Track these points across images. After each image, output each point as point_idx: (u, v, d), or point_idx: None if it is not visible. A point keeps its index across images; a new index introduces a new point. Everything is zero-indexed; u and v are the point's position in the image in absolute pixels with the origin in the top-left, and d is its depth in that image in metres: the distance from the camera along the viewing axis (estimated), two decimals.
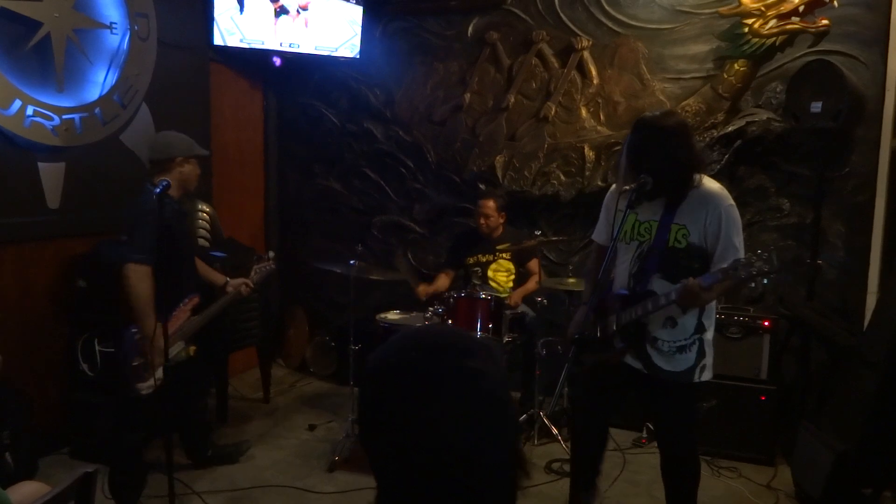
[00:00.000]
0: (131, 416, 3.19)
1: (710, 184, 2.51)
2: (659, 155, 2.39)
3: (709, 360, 2.56)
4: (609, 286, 2.66)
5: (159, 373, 3.00)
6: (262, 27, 4.69)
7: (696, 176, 2.47)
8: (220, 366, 4.18)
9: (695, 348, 2.53)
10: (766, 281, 2.24)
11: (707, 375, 2.56)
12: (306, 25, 4.78)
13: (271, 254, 3.67)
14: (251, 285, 3.50)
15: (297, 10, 4.74)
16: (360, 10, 4.86)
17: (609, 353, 2.60)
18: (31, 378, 3.60)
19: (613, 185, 2.72)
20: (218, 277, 3.54)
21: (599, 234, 2.81)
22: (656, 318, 2.51)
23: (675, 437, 2.63)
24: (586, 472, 2.83)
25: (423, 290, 4.36)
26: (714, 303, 2.56)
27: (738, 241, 2.43)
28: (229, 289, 3.45)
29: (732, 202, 2.47)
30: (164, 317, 2.85)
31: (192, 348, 3.27)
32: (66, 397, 3.76)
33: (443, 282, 4.41)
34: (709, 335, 2.56)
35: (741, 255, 2.39)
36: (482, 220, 4.25)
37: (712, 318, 2.59)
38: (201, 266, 3.52)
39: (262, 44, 4.72)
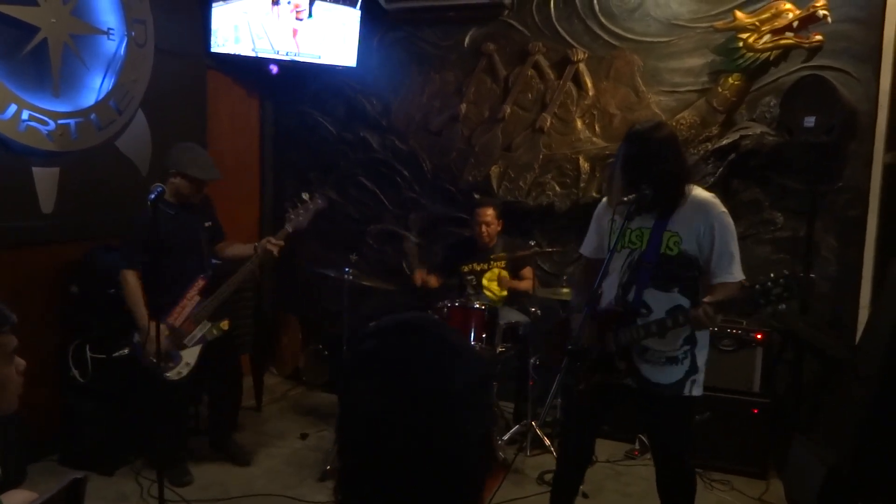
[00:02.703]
0: (165, 402, 3.46)
1: (702, 192, 2.52)
2: (654, 167, 2.40)
3: (701, 376, 2.53)
4: (599, 297, 2.63)
5: (190, 357, 3.39)
6: (261, 34, 4.71)
7: (688, 186, 2.48)
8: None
9: (686, 361, 2.50)
10: (783, 307, 2.23)
11: (697, 391, 2.53)
12: (304, 34, 4.80)
13: (305, 195, 3.62)
14: (278, 242, 3.54)
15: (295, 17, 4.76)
16: (357, 19, 4.88)
17: (613, 374, 2.54)
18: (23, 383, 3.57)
19: (605, 199, 2.70)
20: (245, 250, 3.66)
21: (588, 247, 2.76)
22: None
23: (667, 452, 2.60)
24: (566, 492, 2.81)
25: (419, 275, 4.39)
26: None
27: (734, 247, 2.43)
28: (259, 251, 3.55)
29: (725, 210, 2.47)
30: (155, 314, 3.15)
31: (225, 322, 3.53)
32: (56, 403, 3.74)
33: (434, 281, 4.42)
34: (702, 349, 2.53)
35: (737, 262, 2.41)
36: (483, 229, 4.24)
37: (706, 333, 2.55)
38: (227, 246, 3.76)
39: (260, 51, 4.74)
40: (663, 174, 2.39)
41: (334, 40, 4.87)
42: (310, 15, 4.77)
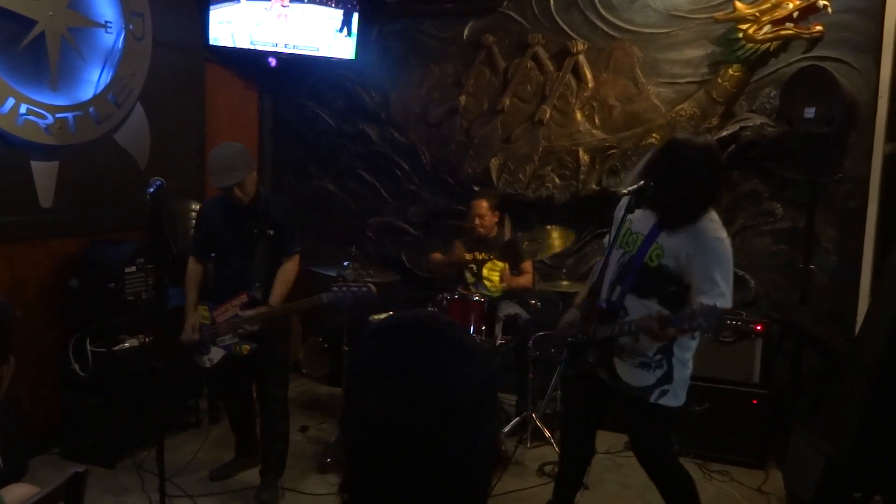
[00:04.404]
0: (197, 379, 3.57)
1: (710, 216, 2.44)
2: (675, 181, 2.37)
3: (676, 387, 2.50)
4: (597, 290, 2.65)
5: (216, 356, 3.34)
6: (257, 27, 4.69)
7: (707, 209, 2.43)
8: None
9: (659, 371, 2.49)
10: (704, 336, 2.33)
11: (668, 401, 2.50)
12: (302, 26, 4.78)
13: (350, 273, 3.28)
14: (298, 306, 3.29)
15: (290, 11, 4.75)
16: (356, 11, 4.86)
17: (582, 363, 2.60)
18: (22, 378, 3.58)
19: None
20: (276, 293, 3.31)
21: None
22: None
23: (638, 451, 2.67)
24: (568, 485, 2.83)
25: (437, 256, 4.43)
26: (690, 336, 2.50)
27: (720, 276, 2.35)
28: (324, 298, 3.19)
29: (723, 236, 2.41)
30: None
31: (246, 347, 3.27)
32: (57, 397, 3.75)
33: (459, 250, 4.39)
34: (680, 365, 2.51)
35: (720, 289, 2.34)
36: (477, 221, 4.25)
37: (688, 349, 2.53)
38: (287, 270, 3.35)
39: (258, 44, 4.73)
40: (676, 189, 2.38)
41: (333, 33, 4.85)
42: (349, 33, 4.81)
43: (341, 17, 4.82)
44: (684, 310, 2.28)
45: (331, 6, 4.78)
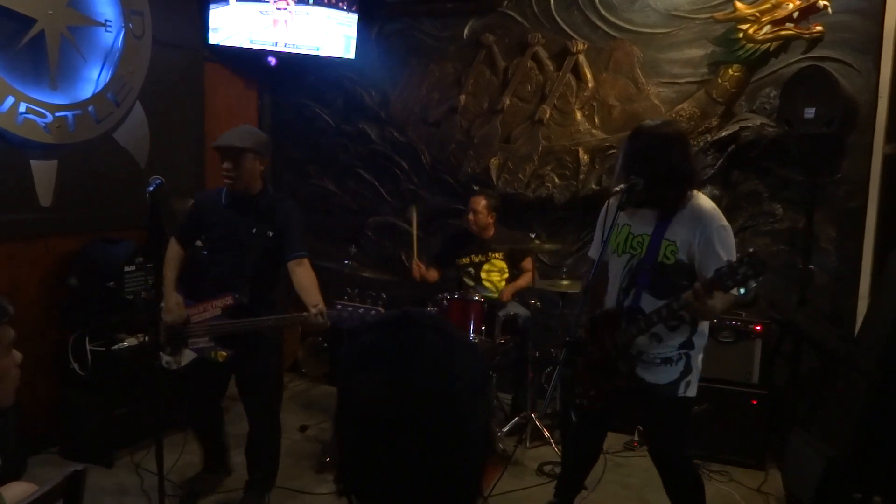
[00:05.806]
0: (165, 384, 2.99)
1: (704, 202, 2.47)
2: (656, 163, 2.37)
3: (695, 377, 2.53)
4: (598, 295, 2.63)
5: (185, 359, 3.12)
6: (257, 27, 4.69)
7: (691, 192, 2.46)
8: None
9: (681, 363, 2.51)
10: (754, 284, 2.17)
11: (692, 392, 2.53)
12: (302, 25, 4.78)
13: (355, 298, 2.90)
14: (322, 321, 2.89)
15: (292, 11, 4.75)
16: (356, 11, 4.86)
17: (614, 378, 2.53)
18: (21, 376, 3.57)
19: (610, 199, 2.66)
20: (306, 296, 3.00)
21: (595, 250, 2.72)
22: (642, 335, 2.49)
23: (664, 452, 2.62)
24: (569, 487, 2.81)
25: (417, 266, 4.30)
26: (706, 323, 2.55)
27: (725, 255, 2.37)
28: (309, 311, 2.90)
29: (726, 224, 2.43)
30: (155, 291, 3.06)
31: (222, 353, 3.06)
32: (56, 396, 3.75)
33: (433, 274, 4.41)
34: (698, 353, 2.53)
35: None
36: (471, 217, 4.26)
37: (704, 337, 2.56)
38: (296, 271, 3.06)
39: (258, 43, 4.73)
40: (663, 171, 2.37)
41: (333, 32, 4.85)
42: (349, 32, 4.81)
43: (342, 17, 4.82)
44: (721, 268, 2.19)
45: (332, 7, 4.78)
